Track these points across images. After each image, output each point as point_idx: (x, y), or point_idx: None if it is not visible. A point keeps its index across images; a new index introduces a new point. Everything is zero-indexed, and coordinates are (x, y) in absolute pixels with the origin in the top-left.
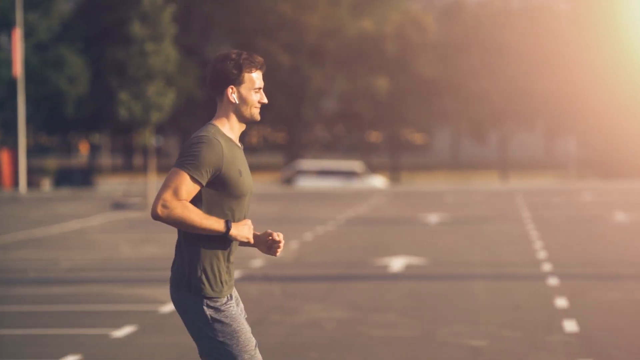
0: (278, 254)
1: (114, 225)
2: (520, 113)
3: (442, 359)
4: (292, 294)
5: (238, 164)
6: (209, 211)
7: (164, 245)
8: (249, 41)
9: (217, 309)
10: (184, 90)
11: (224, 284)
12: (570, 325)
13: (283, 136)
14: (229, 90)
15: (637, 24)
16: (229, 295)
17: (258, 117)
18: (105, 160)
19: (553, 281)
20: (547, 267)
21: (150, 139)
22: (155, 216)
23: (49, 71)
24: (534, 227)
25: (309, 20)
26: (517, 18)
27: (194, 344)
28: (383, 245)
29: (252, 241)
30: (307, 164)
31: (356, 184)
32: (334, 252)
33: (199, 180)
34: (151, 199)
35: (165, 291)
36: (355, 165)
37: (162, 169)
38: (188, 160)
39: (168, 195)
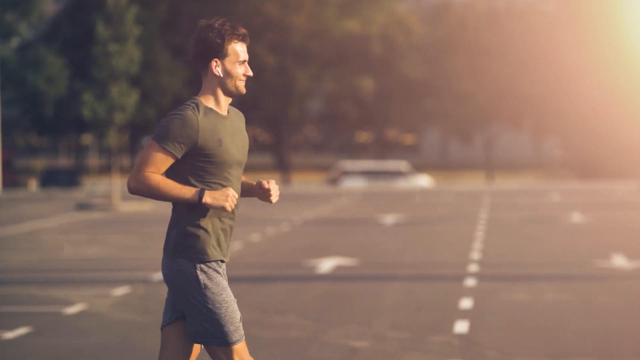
0: (273, 200)
1: (71, 227)
2: (507, 113)
3: (317, 358)
4: None
5: (219, 134)
6: (194, 182)
7: (109, 246)
8: None
9: (208, 275)
10: (172, 90)
11: (216, 246)
12: (461, 326)
13: (270, 137)
14: (213, 63)
15: (622, 25)
16: (219, 261)
17: (243, 90)
18: (94, 160)
19: (470, 282)
20: (473, 268)
21: (114, 139)
22: (130, 189)
23: (27, 72)
24: (483, 228)
25: (294, 20)
26: (502, 18)
27: (81, 346)
28: (324, 247)
29: (228, 209)
30: (352, 164)
31: (402, 184)
32: (273, 253)
33: (172, 152)
34: (115, 199)
35: (78, 292)
36: (401, 164)
37: None
38: (160, 133)
39: (139, 169)
